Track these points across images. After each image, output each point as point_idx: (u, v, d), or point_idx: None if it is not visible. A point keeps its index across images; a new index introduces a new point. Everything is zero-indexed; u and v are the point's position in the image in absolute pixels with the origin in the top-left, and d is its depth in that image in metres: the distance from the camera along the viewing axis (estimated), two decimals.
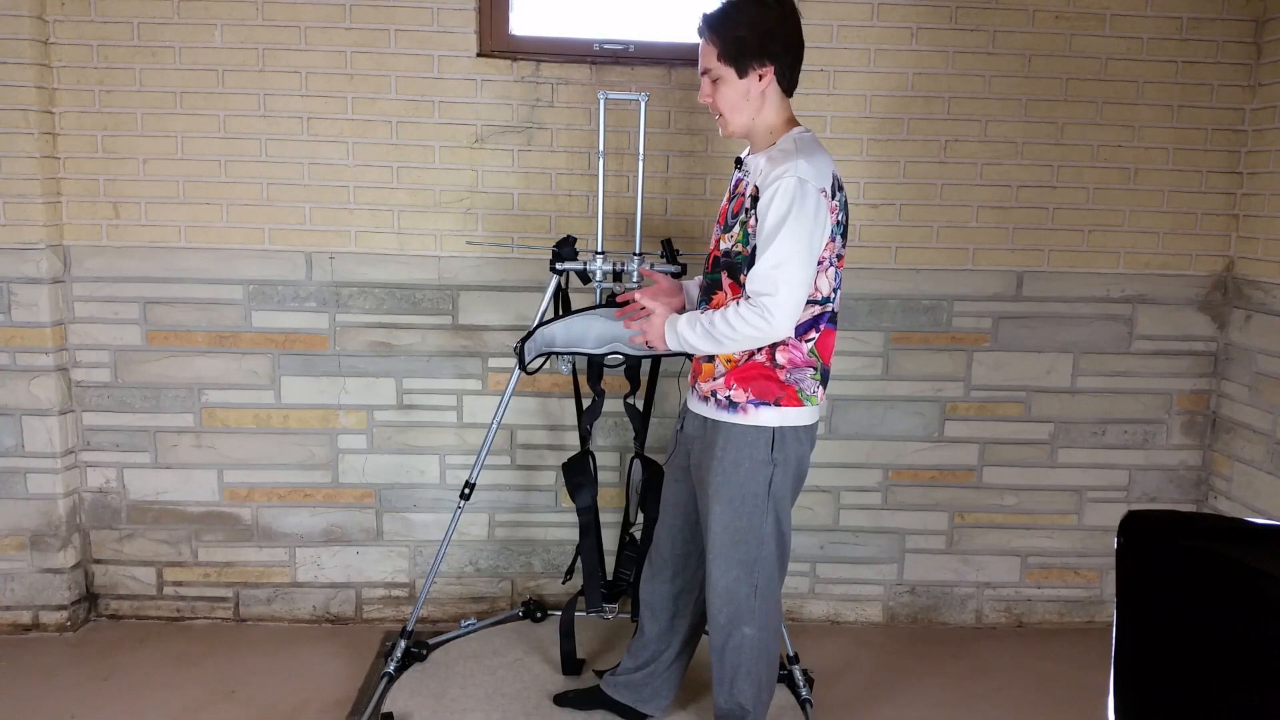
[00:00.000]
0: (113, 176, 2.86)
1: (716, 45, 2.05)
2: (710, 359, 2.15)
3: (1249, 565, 1.09)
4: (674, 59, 2.88)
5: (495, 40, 2.86)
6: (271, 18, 2.80)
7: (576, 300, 2.73)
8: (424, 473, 3.05)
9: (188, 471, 3.01)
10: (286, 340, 2.97)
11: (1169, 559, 1.15)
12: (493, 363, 3.00)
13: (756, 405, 2.10)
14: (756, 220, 2.02)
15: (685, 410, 2.29)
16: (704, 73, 2.10)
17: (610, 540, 2.84)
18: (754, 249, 2.03)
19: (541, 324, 2.53)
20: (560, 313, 2.62)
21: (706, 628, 2.33)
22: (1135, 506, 2.46)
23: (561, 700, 2.58)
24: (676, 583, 2.38)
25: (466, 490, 2.69)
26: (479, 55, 2.86)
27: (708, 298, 2.19)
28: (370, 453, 3.03)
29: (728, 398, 2.12)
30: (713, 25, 2.05)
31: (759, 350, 2.09)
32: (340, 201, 2.91)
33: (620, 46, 2.90)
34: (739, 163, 2.19)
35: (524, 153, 2.91)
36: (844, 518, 3.13)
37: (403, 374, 3.00)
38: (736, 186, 2.16)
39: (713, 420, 2.16)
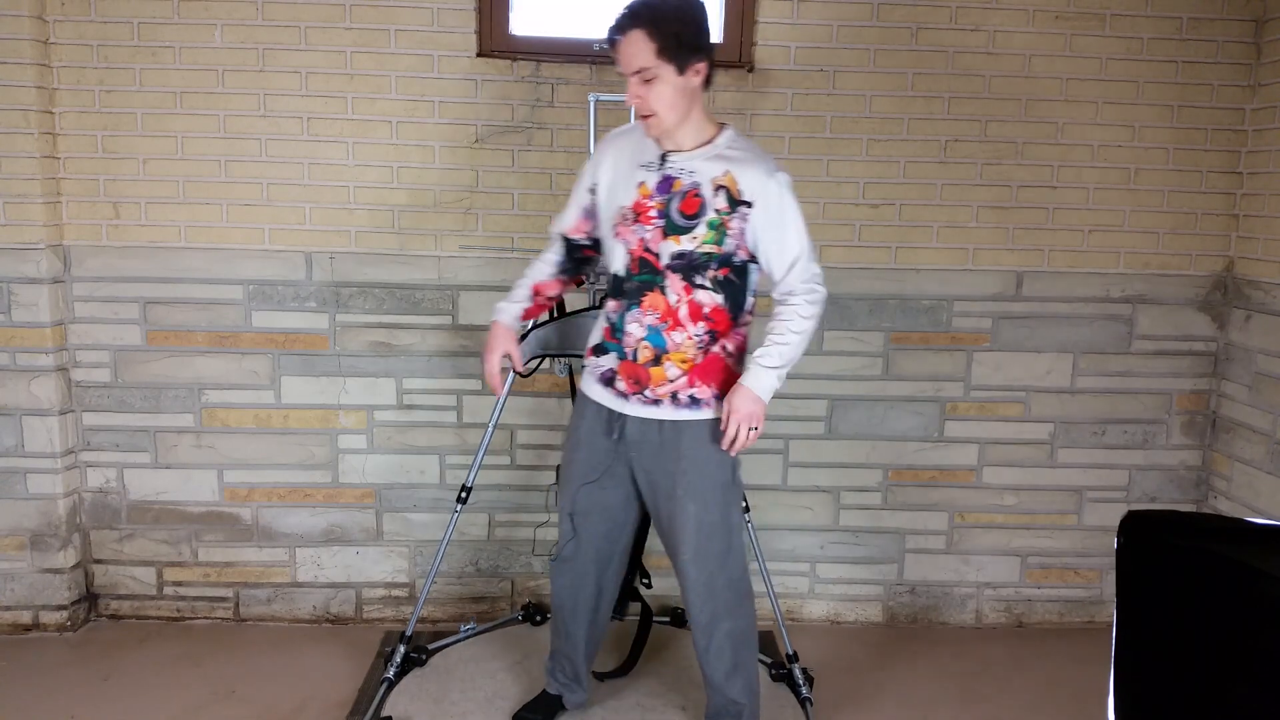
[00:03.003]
0: (113, 176, 2.86)
1: (655, 41, 1.97)
2: (657, 363, 2.12)
3: (1249, 565, 1.09)
4: None
5: (495, 40, 2.86)
6: (271, 18, 2.80)
7: (572, 302, 2.73)
8: (424, 473, 3.05)
9: (188, 471, 3.01)
10: (286, 340, 2.96)
11: (1169, 559, 1.15)
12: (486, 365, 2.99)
13: (718, 398, 2.14)
14: (741, 222, 2.06)
15: (615, 418, 2.20)
16: (636, 72, 2.00)
17: None
18: (733, 248, 2.07)
19: (536, 326, 2.53)
20: (555, 315, 2.62)
21: (689, 625, 2.33)
22: (1135, 506, 2.46)
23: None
24: (596, 586, 2.38)
25: (463, 494, 2.69)
26: (479, 55, 2.86)
27: (636, 300, 2.13)
28: (370, 453, 3.03)
29: (690, 396, 2.14)
30: (651, 22, 1.97)
31: (715, 343, 2.13)
32: (340, 201, 2.91)
33: None
34: (663, 159, 2.10)
35: (524, 153, 2.91)
36: (844, 518, 3.13)
37: (403, 374, 3.00)
38: (673, 185, 2.08)
39: (671, 421, 2.15)
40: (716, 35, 2.90)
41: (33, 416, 2.89)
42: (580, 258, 2.33)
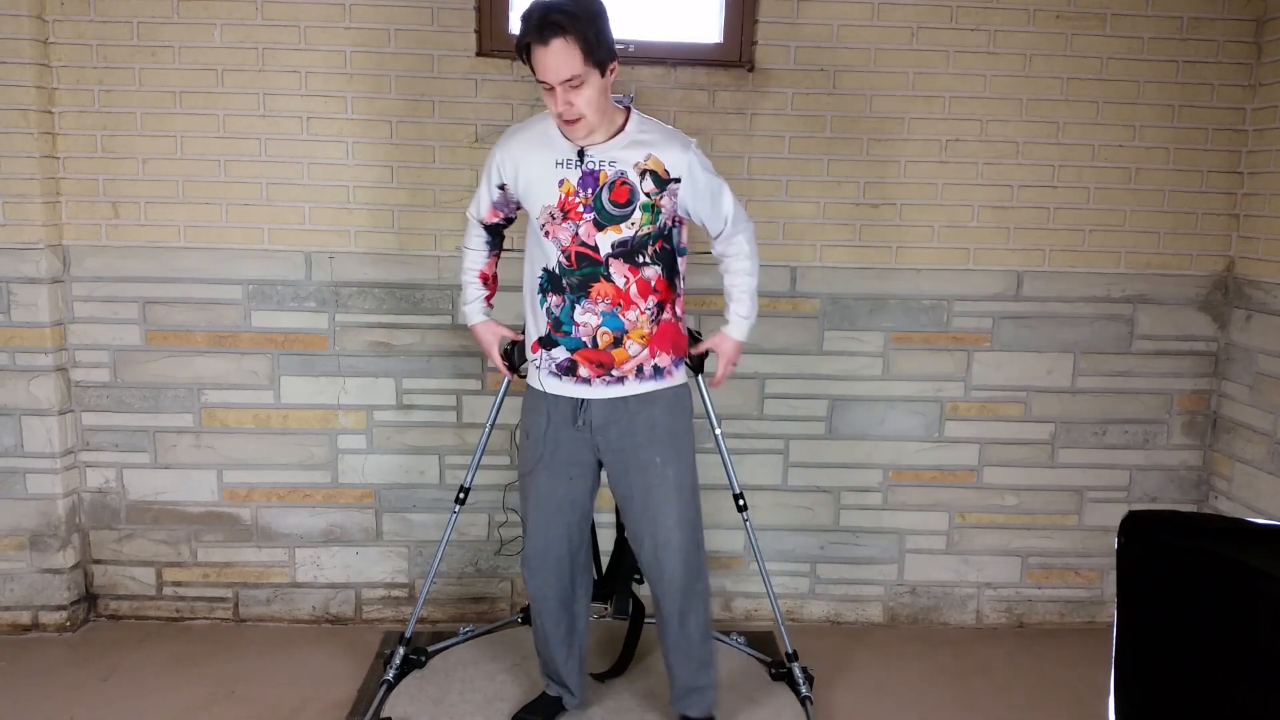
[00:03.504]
0: (112, 176, 2.86)
1: (580, 48, 1.96)
2: (618, 344, 2.18)
3: (1249, 565, 1.09)
4: (674, 58, 2.88)
5: (495, 39, 2.86)
6: (271, 17, 2.80)
7: None
8: (423, 473, 3.05)
9: (187, 472, 3.01)
10: (286, 340, 2.96)
11: (1169, 559, 1.15)
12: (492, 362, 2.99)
13: (676, 365, 2.27)
14: (671, 198, 2.15)
15: (579, 405, 2.24)
16: (566, 81, 1.97)
17: (606, 540, 2.83)
18: (665, 222, 2.16)
19: None
20: None
21: (652, 617, 2.37)
22: (1136, 507, 2.46)
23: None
24: (568, 580, 2.39)
25: (461, 495, 2.68)
26: (478, 54, 2.85)
27: (583, 292, 2.16)
28: (370, 453, 3.03)
29: (654, 366, 2.22)
30: (573, 28, 1.95)
31: (664, 311, 2.21)
32: (339, 201, 2.90)
33: (620, 46, 2.86)
34: (581, 155, 2.12)
35: None
36: (844, 518, 3.13)
37: (402, 374, 2.99)
38: (598, 178, 2.11)
39: (637, 395, 2.21)
40: (717, 35, 2.92)
41: (32, 416, 2.88)
42: (501, 232, 2.46)
